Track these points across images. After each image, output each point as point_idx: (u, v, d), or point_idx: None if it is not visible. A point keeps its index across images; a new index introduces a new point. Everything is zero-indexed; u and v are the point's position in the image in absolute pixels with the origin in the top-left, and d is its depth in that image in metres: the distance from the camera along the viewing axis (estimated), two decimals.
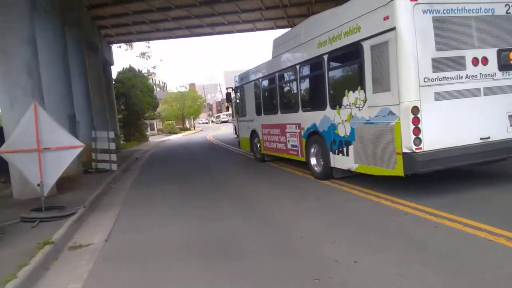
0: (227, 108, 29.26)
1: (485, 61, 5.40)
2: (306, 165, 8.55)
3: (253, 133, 11.78)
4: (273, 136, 10.12)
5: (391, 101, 5.44)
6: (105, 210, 7.32)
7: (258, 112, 11.16)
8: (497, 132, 5.51)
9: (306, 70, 8.28)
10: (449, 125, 5.33)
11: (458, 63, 5.33)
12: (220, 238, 4.90)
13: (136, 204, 7.61)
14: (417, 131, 5.20)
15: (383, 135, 5.66)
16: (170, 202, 7.39)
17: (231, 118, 43.43)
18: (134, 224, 6.16)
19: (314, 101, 8.04)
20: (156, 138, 36.07)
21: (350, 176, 7.32)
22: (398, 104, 5.31)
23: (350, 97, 6.47)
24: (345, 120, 6.66)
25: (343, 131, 6.78)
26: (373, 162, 5.99)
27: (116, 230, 5.83)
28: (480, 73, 5.40)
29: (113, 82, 23.94)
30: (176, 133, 47.96)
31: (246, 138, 12.45)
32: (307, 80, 8.45)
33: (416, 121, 5.19)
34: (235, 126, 24.58)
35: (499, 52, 5.43)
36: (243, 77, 12.28)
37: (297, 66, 8.34)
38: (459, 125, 5.39)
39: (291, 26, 19.92)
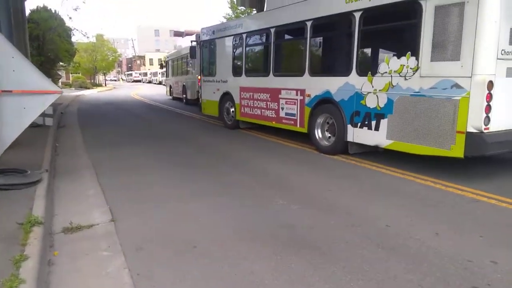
0: (161, 66, 26.99)
1: None
2: (305, 137, 7.79)
3: (225, 96, 10.56)
4: (258, 101, 9.09)
5: (458, 72, 4.86)
6: (75, 177, 5.74)
7: (237, 73, 9.95)
8: None
9: (322, 29, 7.34)
10: (510, 105, 4.96)
11: None
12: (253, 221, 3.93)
13: (112, 169, 6.12)
14: (488, 109, 4.73)
15: (440, 111, 5.10)
16: (156, 167, 6.09)
17: (163, 77, 40.55)
18: (130, 195, 4.84)
19: (331, 65, 7.24)
20: (67, 92, 31.91)
21: (364, 153, 6.78)
22: (470, 77, 4.75)
23: (393, 64, 5.76)
24: (380, 90, 5.97)
25: (374, 101, 6.09)
26: (418, 140, 5.43)
27: (115, 205, 4.46)
28: None
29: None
30: (88, 88, 43.42)
31: (213, 102, 11.17)
32: (322, 40, 7.56)
33: (489, 97, 4.71)
34: (170, 86, 22.81)
35: None
36: (216, 31, 10.84)
37: (308, 23, 7.35)
38: None
39: None
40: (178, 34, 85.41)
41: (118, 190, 5.09)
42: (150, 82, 63.68)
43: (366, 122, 6.25)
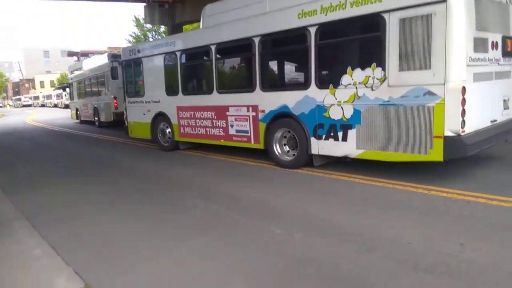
0: (64, 89, 24.48)
1: (497, 46, 5.49)
2: (255, 152, 7.47)
3: (158, 116, 9.74)
4: (201, 120, 8.49)
5: (431, 80, 4.96)
6: (6, 233, 4.57)
7: (172, 92, 9.23)
8: (499, 116, 5.73)
9: (273, 44, 7.10)
10: (478, 108, 5.23)
11: (485, 45, 5.26)
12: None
13: (52, 217, 5.02)
14: (463, 112, 4.90)
15: (414, 118, 5.15)
16: (104, 208, 5.18)
17: (61, 100, 36.58)
18: (92, 251, 3.92)
19: (286, 79, 7.03)
20: None
21: (327, 164, 6.67)
22: (443, 84, 4.86)
23: (357, 75, 5.72)
24: (345, 101, 5.88)
25: (338, 113, 5.99)
26: (392, 147, 5.43)
27: (79, 266, 3.53)
28: (494, 57, 5.47)
29: None
30: None
31: (143, 124, 10.22)
32: (274, 55, 7.30)
33: (463, 102, 4.88)
34: (77, 109, 20.68)
35: (504, 39, 5.60)
36: (142, 49, 9.99)
37: (256, 39, 7.04)
38: (482, 108, 5.38)
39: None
40: (72, 54, 79.62)
41: (72, 244, 4.12)
42: (43, 106, 57.91)
43: (332, 134, 6.12)
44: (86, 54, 69.52)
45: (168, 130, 9.56)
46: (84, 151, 10.90)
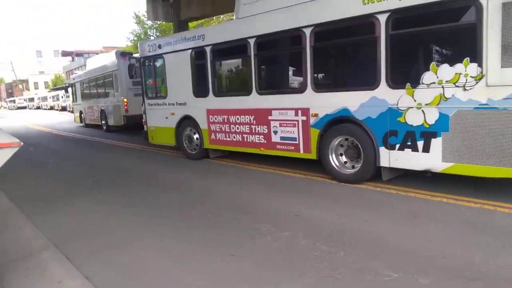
0: (66, 90, 23.42)
1: None
2: (299, 162, 6.56)
3: (184, 121, 8.82)
4: (236, 125, 7.59)
5: None
6: (34, 266, 3.66)
7: (201, 93, 8.31)
8: None
9: (327, 36, 6.16)
10: None
11: None
12: None
13: (85, 245, 4.11)
14: None
15: None
16: (143, 232, 4.26)
17: (68, 102, 35.23)
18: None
19: (346, 78, 6.13)
20: None
21: (393, 178, 5.80)
22: None
23: (443, 72, 4.84)
24: (428, 104, 4.99)
25: (418, 118, 5.10)
26: (491, 161, 4.56)
27: None
28: None
29: None
30: None
31: (166, 129, 9.29)
32: (330, 49, 6.39)
33: None
34: (81, 112, 19.65)
35: None
36: (164, 44, 9.03)
37: (307, 30, 6.14)
38: None
39: None
40: (66, 54, 78.17)
41: (115, 279, 3.23)
42: (38, 108, 56.61)
43: (409, 143, 5.23)
44: (80, 54, 68.24)
45: (196, 136, 8.64)
46: (100, 159, 9.93)
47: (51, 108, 49.53)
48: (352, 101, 5.77)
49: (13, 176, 8.29)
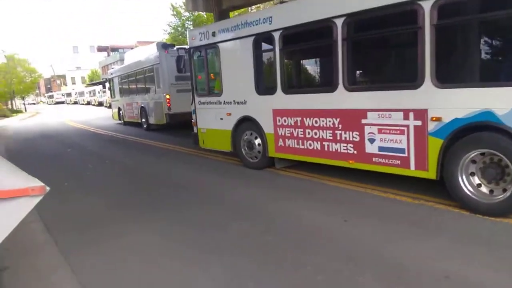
0: (103, 85, 22.65)
1: None
2: (396, 178, 4.92)
3: (243, 123, 7.35)
4: (314, 130, 6.03)
5: None
6: None
7: (265, 89, 6.86)
8: None
9: (457, 8, 4.45)
10: None
11: None
12: None
13: None
14: None
15: None
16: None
17: (105, 97, 34.85)
18: None
19: (494, 67, 4.44)
20: None
21: None
22: None
23: None
24: None
25: None
26: None
27: None
28: None
29: None
30: (7, 116, 36.91)
31: (220, 131, 7.86)
32: (462, 26, 4.64)
33: None
34: (119, 108, 18.66)
35: None
36: (219, 31, 7.56)
37: (427, 3, 4.47)
38: None
39: None
40: (102, 49, 78.97)
41: None
42: (75, 103, 57.36)
43: None
44: (116, 49, 68.50)
45: (258, 141, 7.15)
46: (146, 166, 8.62)
47: (88, 103, 49.88)
48: (500, 101, 4.07)
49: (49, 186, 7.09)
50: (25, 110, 50.74)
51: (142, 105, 15.42)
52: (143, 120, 15.53)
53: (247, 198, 5.63)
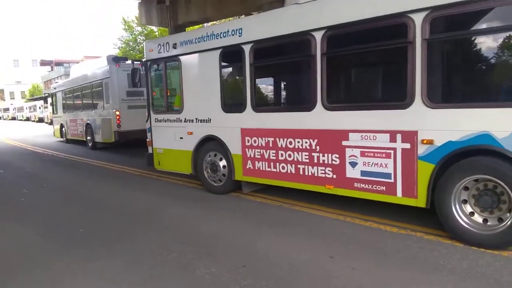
0: (45, 100, 20.89)
1: None
2: (376, 206, 4.49)
3: (207, 143, 6.67)
4: (287, 151, 5.49)
5: None
6: None
7: (233, 107, 6.29)
8: None
9: (458, 20, 4.13)
10: None
11: None
12: None
13: None
14: None
15: None
16: None
17: (46, 113, 32.01)
18: None
19: (492, 85, 4.16)
20: None
21: None
22: None
23: None
24: None
25: None
26: None
27: None
28: None
29: None
30: None
31: (179, 152, 7.11)
32: (461, 40, 4.29)
33: None
34: (62, 125, 17.09)
35: None
36: (181, 43, 6.89)
37: (418, 16, 4.15)
38: None
39: None
40: (45, 63, 74.67)
41: None
42: (13, 118, 53.36)
43: None
44: (60, 63, 64.96)
45: (223, 163, 6.48)
46: (91, 190, 7.58)
47: (27, 119, 46.59)
48: (500, 122, 3.75)
49: None
50: None
51: (88, 121, 14.18)
52: (89, 138, 14.27)
53: (213, 231, 4.88)
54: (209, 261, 3.89)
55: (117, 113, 12.30)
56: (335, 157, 4.99)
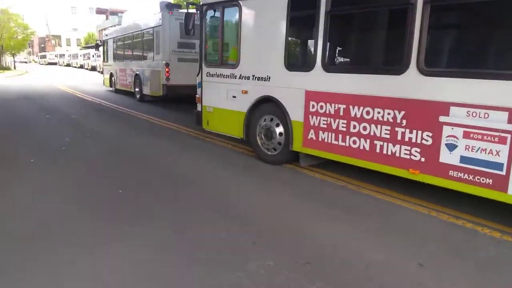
0: (97, 47, 20.77)
1: None
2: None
3: (262, 104, 5.86)
4: (363, 123, 4.52)
5: None
6: None
7: (298, 64, 5.41)
8: None
9: None
10: None
11: None
12: None
13: None
14: None
15: None
16: None
17: (99, 62, 32.55)
18: None
19: None
20: None
21: None
22: None
23: None
24: None
25: None
26: None
27: None
28: None
29: None
30: None
31: (230, 112, 6.35)
32: None
33: None
34: (112, 74, 16.86)
35: None
36: None
37: None
38: None
39: None
40: (101, 11, 75.73)
41: None
42: (68, 65, 55.01)
43: None
44: (115, 13, 65.61)
45: (280, 130, 5.62)
46: (135, 145, 7.06)
47: (81, 66, 47.74)
48: None
49: (11, 161, 5.56)
50: (14, 68, 48.42)
51: (137, 72, 13.70)
52: (137, 89, 13.85)
53: (267, 209, 4.12)
54: (264, 250, 3.15)
55: (167, 65, 11.65)
56: (427, 135, 3.97)
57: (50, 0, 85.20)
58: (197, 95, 7.13)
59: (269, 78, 5.62)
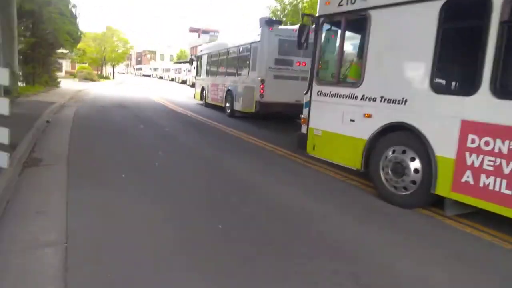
0: (191, 62, 21.21)
1: None
2: None
3: (389, 133, 4.72)
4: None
5: None
6: None
7: (451, 84, 4.23)
8: None
9: None
10: None
11: None
12: None
13: None
14: None
15: None
16: None
17: (189, 76, 33.93)
18: None
19: None
20: (68, 85, 26.28)
21: None
22: None
23: None
24: None
25: None
26: None
27: None
28: None
29: None
30: (94, 81, 37.94)
31: (348, 138, 5.34)
32: None
33: None
34: (203, 88, 16.75)
35: None
36: None
37: None
38: None
39: None
40: (194, 30, 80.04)
41: None
42: (161, 78, 58.51)
43: None
44: (207, 32, 68.80)
45: (415, 165, 4.45)
46: (230, 164, 6.38)
47: (172, 79, 50.28)
48: None
49: (99, 167, 5.12)
50: (113, 78, 52.56)
51: (229, 88, 13.33)
52: (227, 104, 13.45)
53: (405, 276, 2.99)
54: None
55: (262, 81, 11.04)
56: None
57: (150, 19, 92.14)
58: (302, 116, 6.25)
59: (405, 101, 4.53)
